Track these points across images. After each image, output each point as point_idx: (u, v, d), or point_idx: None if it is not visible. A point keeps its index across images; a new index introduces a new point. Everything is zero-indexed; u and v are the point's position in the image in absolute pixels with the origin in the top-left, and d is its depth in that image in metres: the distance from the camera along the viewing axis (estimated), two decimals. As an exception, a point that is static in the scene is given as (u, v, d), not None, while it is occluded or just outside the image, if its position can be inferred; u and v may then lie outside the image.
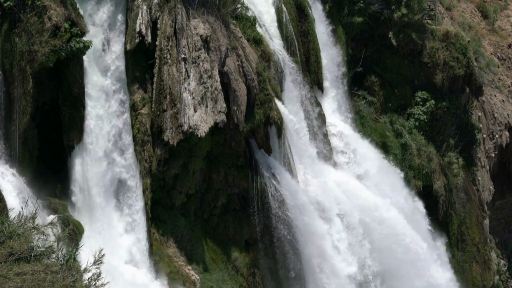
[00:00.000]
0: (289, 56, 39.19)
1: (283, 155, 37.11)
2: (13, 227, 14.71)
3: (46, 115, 30.36)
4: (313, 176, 38.59)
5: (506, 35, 57.20)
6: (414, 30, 46.24)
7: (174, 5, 32.83)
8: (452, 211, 46.44)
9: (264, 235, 36.43)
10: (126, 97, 32.23)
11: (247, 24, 36.92)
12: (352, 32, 44.71)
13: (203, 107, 32.98)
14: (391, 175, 43.49)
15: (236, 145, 35.56)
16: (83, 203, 30.85)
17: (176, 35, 32.82)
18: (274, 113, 35.84)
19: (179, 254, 33.74)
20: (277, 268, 36.77)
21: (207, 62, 33.36)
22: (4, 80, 28.96)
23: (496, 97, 52.80)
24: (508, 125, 52.65)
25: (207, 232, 35.35)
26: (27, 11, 28.61)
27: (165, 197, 33.94)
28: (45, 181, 29.89)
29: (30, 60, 28.59)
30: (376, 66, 46.28)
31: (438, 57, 46.39)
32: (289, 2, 40.49)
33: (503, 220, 55.43)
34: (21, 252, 13.82)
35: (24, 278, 13.37)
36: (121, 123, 32.00)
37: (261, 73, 35.58)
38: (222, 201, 35.82)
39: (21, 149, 29.00)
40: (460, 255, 46.91)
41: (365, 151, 42.56)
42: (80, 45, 29.30)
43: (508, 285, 52.84)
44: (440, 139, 47.04)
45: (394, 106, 46.27)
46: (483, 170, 49.98)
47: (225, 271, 35.13)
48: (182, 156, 33.60)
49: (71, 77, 29.81)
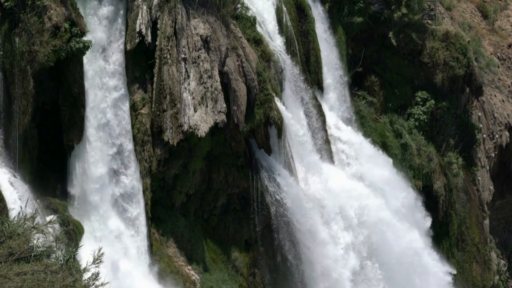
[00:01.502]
0: (289, 56, 39.18)
1: (283, 155, 37.11)
2: (13, 227, 14.70)
3: (46, 115, 30.34)
4: (313, 175, 38.59)
5: (506, 35, 57.19)
6: (414, 30, 46.25)
7: (174, 5, 32.83)
8: (452, 211, 46.43)
9: (264, 235, 36.44)
10: (126, 97, 32.22)
11: (247, 24, 36.91)
12: (352, 32, 44.70)
13: (203, 107, 32.99)
14: (391, 175, 43.46)
15: (236, 145, 35.57)
16: (83, 203, 30.84)
17: (176, 35, 32.82)
18: (274, 113, 35.84)
19: (179, 254, 33.75)
20: (277, 268, 36.76)
21: (207, 62, 33.36)
22: (4, 80, 28.95)
23: (496, 97, 52.80)
24: (508, 125, 52.64)
25: (207, 232, 35.35)
26: (27, 11, 28.60)
27: (165, 197, 33.94)
28: (45, 181, 29.89)
29: (30, 60, 28.58)
30: (376, 66, 46.28)
31: (438, 57, 46.39)
32: (289, 2, 40.48)
33: (503, 220, 55.42)
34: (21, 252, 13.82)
35: (24, 278, 13.36)
36: (121, 123, 31.99)
37: (261, 73, 35.58)
38: (222, 201, 35.83)
39: (21, 149, 28.98)
40: (460, 255, 46.90)
41: (365, 151, 42.54)
42: (80, 45, 29.30)
43: (508, 285, 52.83)
44: (440, 139, 47.04)
45: (394, 106, 46.26)
46: (483, 170, 49.98)
47: (225, 271, 35.14)
48: (182, 156, 33.60)
49: (71, 77, 29.79)
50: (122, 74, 32.04)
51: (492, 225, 51.87)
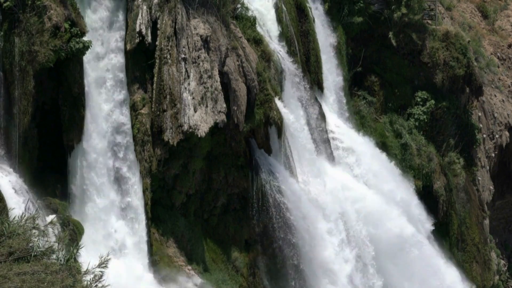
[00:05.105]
0: (289, 56, 39.19)
1: (283, 155, 37.11)
2: (13, 227, 14.71)
3: (46, 115, 30.35)
4: (313, 176, 38.59)
5: (506, 35, 57.19)
6: (414, 30, 46.24)
7: (174, 5, 32.83)
8: (452, 211, 46.43)
9: (264, 235, 36.43)
10: (126, 97, 32.21)
11: (247, 24, 36.92)
12: (352, 32, 44.70)
13: (203, 107, 32.99)
14: (391, 174, 43.47)
15: (236, 145, 35.56)
16: (83, 203, 30.84)
17: (176, 35, 32.82)
18: (274, 113, 35.84)
19: (179, 254, 33.74)
20: (277, 268, 36.76)
21: (207, 62, 33.37)
22: (4, 80, 28.96)
23: (496, 97, 52.80)
24: (508, 125, 52.65)
25: (207, 232, 35.35)
26: (27, 11, 28.61)
27: (165, 197, 33.94)
28: (45, 181, 29.89)
29: (30, 60, 28.58)
30: (376, 66, 46.28)
31: (438, 57, 46.39)
32: (289, 2, 40.48)
33: (503, 220, 55.44)
34: (20, 251, 13.82)
35: (23, 278, 13.37)
36: (121, 123, 31.99)
37: (261, 73, 35.58)
38: (222, 201, 35.82)
39: (21, 149, 28.99)
40: (460, 255, 46.91)
41: (365, 151, 42.55)
42: (80, 45, 29.30)
43: (508, 285, 52.84)
44: (440, 139, 47.03)
45: (394, 106, 46.26)
46: (483, 170, 49.98)
47: (225, 271, 35.13)
48: (182, 156, 33.60)
49: (71, 77, 29.79)
50: (122, 74, 32.03)
51: (492, 225, 51.88)
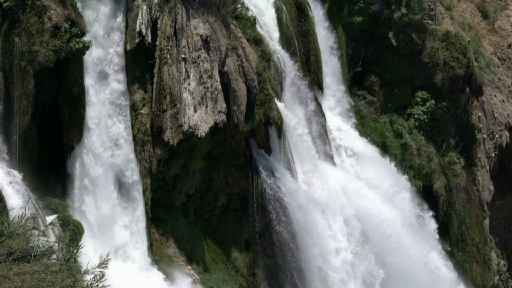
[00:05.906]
0: (289, 56, 39.19)
1: (283, 155, 37.11)
2: (13, 227, 14.71)
3: (46, 115, 30.36)
4: (313, 176, 38.59)
5: (506, 35, 57.20)
6: (414, 30, 46.24)
7: (174, 5, 32.83)
8: (452, 211, 46.43)
9: (264, 235, 36.44)
10: (126, 97, 32.21)
11: (247, 24, 36.91)
12: (352, 32, 44.71)
13: (203, 107, 32.99)
14: (391, 174, 43.48)
15: (236, 145, 35.57)
16: (83, 203, 30.83)
17: (176, 35, 32.82)
18: (274, 113, 35.84)
19: (179, 254, 33.74)
20: (277, 268, 36.77)
21: (207, 62, 33.37)
22: (4, 80, 28.97)
23: (496, 97, 52.80)
24: (508, 125, 52.65)
25: (207, 232, 35.35)
26: (27, 11, 28.61)
27: (165, 197, 33.94)
28: (45, 181, 29.89)
29: (30, 60, 28.59)
30: (376, 66, 46.28)
31: (438, 57, 46.39)
32: (289, 2, 40.49)
33: (503, 220, 55.44)
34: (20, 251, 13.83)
35: (23, 278, 13.37)
36: (121, 123, 31.98)
37: (261, 73, 35.58)
38: (222, 201, 35.83)
39: (21, 149, 28.99)
40: (460, 255, 46.91)
41: (365, 151, 42.56)
42: (80, 45, 29.31)
43: (508, 285, 52.84)
44: (440, 139, 47.04)
45: (394, 106, 46.26)
46: (483, 170, 49.98)
47: (225, 271, 35.14)
48: (182, 156, 33.60)
49: (71, 77, 29.80)
50: (122, 74, 32.03)
51: (492, 225, 51.88)
